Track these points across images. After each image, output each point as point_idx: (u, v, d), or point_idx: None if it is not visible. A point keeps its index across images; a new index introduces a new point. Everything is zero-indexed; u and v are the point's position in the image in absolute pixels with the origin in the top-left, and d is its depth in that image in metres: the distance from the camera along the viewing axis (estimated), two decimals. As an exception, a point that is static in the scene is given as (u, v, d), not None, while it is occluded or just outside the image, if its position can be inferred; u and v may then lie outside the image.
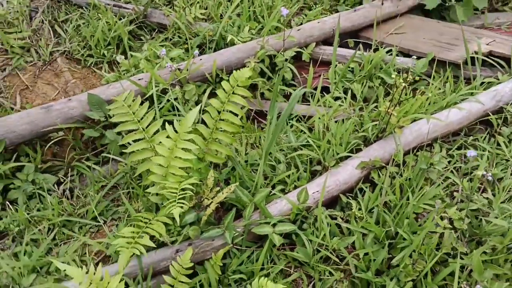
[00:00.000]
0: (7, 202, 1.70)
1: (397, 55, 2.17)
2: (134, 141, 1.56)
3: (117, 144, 1.81)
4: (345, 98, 2.03)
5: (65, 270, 1.20)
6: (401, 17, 2.41)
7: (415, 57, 2.14)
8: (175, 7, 2.47)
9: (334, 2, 2.51)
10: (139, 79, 1.98)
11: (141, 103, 1.59)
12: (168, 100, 1.93)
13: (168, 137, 1.43)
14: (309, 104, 2.04)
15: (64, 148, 1.92)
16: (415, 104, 1.84)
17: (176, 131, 1.43)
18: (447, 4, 2.41)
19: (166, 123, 1.47)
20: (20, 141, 1.79)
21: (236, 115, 1.55)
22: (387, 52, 2.17)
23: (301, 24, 2.36)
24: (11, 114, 1.86)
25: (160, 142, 1.45)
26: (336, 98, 2.06)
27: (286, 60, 2.15)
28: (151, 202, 1.59)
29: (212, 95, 2.05)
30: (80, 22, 2.38)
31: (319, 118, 1.87)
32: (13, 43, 2.23)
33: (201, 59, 2.09)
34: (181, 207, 1.30)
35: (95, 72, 2.26)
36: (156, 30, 2.43)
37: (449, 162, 1.76)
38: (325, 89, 2.12)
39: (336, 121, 1.85)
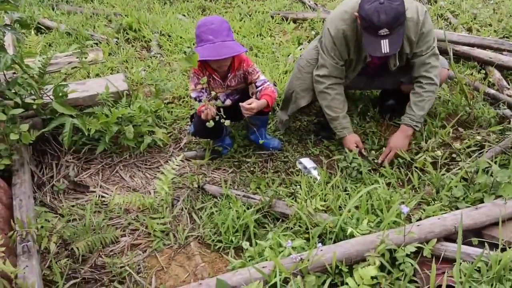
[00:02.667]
0: None
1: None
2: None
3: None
4: (473, 300, 1.92)
5: None
6: (528, 215, 2.35)
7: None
8: (297, 199, 2.69)
9: (453, 198, 2.55)
10: (263, 267, 2.11)
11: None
12: (289, 290, 2.00)
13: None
14: (434, 304, 1.97)
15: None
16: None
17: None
18: None
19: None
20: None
21: (361, 313, 1.56)
22: (516, 253, 2.08)
23: (420, 219, 2.40)
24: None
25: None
26: (463, 300, 1.97)
27: (407, 255, 2.16)
28: None
29: (331, 286, 2.09)
30: (214, 210, 2.67)
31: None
32: (156, 227, 2.55)
33: (321, 250, 2.18)
34: None
35: (222, 256, 2.44)
36: (280, 220, 2.62)
37: None
38: (450, 288, 2.04)
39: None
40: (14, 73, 3.04)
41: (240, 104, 2.73)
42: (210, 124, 2.63)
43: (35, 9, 5.56)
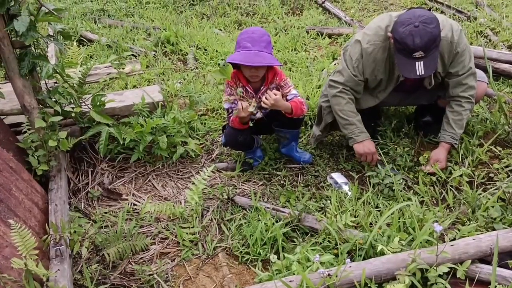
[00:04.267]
0: None
1: None
2: None
3: None
4: (509, 326, 1.84)
5: None
6: None
7: None
8: (327, 214, 2.65)
9: (490, 219, 2.46)
10: (290, 281, 2.09)
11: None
12: (316, 306, 1.96)
13: None
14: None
15: None
16: None
17: None
18: None
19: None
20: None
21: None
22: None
23: (454, 239, 2.32)
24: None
25: None
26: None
27: (439, 275, 2.09)
28: None
29: (360, 304, 2.05)
30: (242, 221, 2.67)
31: None
32: (185, 237, 2.57)
33: (350, 266, 2.15)
34: None
35: (250, 268, 2.43)
36: (309, 234, 2.59)
37: None
38: (485, 312, 1.97)
39: None
40: (55, 82, 3.16)
41: (268, 91, 2.75)
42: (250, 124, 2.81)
43: (78, 22, 5.78)
